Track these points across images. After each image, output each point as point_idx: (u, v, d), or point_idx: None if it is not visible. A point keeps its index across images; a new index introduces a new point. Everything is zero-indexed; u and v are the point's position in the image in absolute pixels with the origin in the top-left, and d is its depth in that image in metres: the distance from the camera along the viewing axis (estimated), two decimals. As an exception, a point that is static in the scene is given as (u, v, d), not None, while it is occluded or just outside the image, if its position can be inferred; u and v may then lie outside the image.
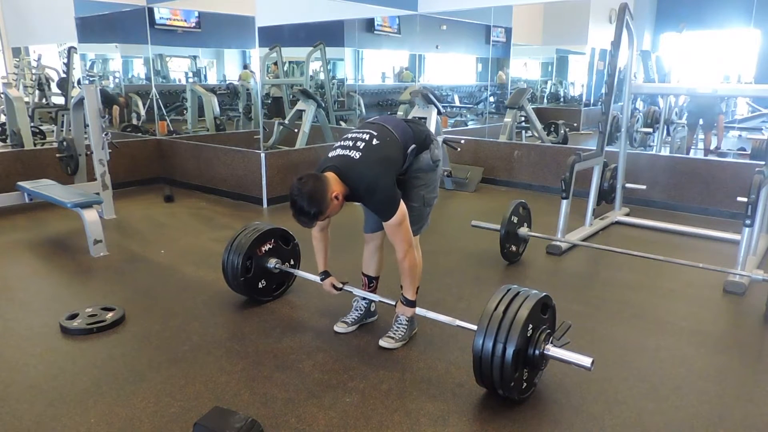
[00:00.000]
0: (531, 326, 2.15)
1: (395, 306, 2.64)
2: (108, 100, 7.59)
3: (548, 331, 2.25)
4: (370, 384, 2.39)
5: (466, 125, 9.36)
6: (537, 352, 2.16)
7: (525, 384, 2.21)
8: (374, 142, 2.43)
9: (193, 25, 8.88)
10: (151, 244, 4.39)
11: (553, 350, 2.19)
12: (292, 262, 3.28)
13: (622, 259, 3.92)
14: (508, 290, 2.24)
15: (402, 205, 2.40)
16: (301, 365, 2.54)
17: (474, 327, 2.23)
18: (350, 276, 3.01)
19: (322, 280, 2.82)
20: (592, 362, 2.11)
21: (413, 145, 2.53)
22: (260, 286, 3.15)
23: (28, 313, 3.14)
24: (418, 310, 2.60)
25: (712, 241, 4.46)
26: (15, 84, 8.21)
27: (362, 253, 2.89)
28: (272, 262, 3.13)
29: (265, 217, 5.28)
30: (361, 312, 2.89)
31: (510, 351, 2.06)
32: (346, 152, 2.42)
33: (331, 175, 2.34)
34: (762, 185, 3.43)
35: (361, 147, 2.41)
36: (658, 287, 3.54)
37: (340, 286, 2.80)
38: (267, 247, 3.13)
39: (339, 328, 2.84)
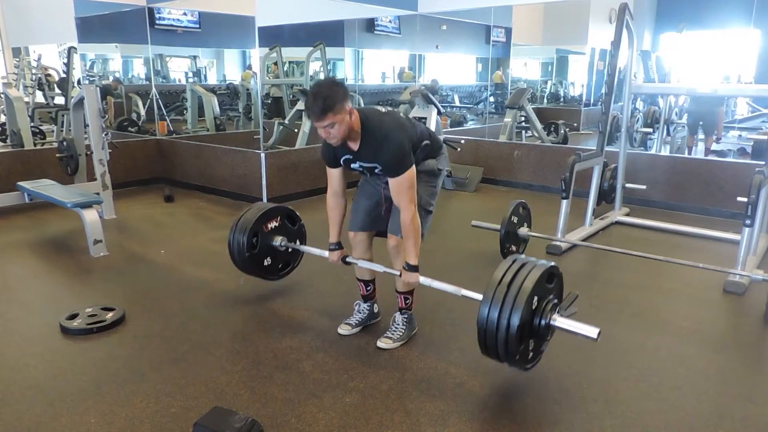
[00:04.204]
0: (537, 297, 2.08)
1: (399, 275, 2.57)
2: (101, 93, 7.55)
3: (555, 301, 2.19)
4: (370, 384, 2.39)
5: (461, 125, 9.34)
6: (543, 322, 2.10)
7: (531, 354, 2.16)
8: (401, 115, 2.58)
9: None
10: (151, 244, 4.39)
11: (559, 321, 2.13)
12: (298, 243, 3.22)
13: (622, 259, 3.92)
14: (515, 260, 2.18)
15: (413, 168, 2.42)
16: (301, 365, 2.54)
17: (480, 297, 2.19)
18: (349, 278, 3.01)
19: (332, 249, 2.76)
20: (599, 333, 2.06)
21: (426, 141, 2.60)
22: (266, 263, 3.09)
23: (28, 313, 3.14)
24: (422, 279, 2.55)
25: (712, 241, 4.46)
26: (15, 84, 8.21)
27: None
28: (278, 240, 3.08)
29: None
30: (365, 314, 2.88)
31: (515, 324, 2.00)
32: (373, 108, 2.56)
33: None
34: (762, 185, 3.43)
35: (388, 110, 2.56)
36: (658, 287, 3.54)
37: (350, 260, 2.74)
38: (273, 224, 3.07)
39: (343, 330, 2.83)
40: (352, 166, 2.54)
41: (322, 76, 8.55)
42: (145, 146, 6.66)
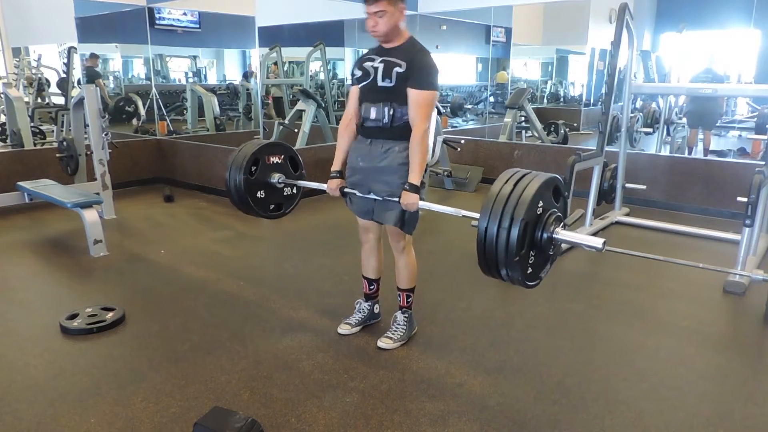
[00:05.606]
0: (540, 206, 1.99)
1: (399, 199, 2.48)
2: (89, 78, 7.56)
3: (558, 214, 2.08)
4: (370, 384, 2.39)
5: (461, 108, 9.41)
6: (545, 235, 2.00)
7: (531, 270, 2.04)
8: None
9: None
10: (151, 244, 4.39)
11: (562, 233, 2.04)
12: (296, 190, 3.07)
13: (622, 259, 3.92)
14: (515, 172, 2.08)
15: (436, 93, 2.44)
16: (301, 365, 2.54)
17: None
18: (349, 278, 3.01)
19: (332, 177, 2.68)
20: (604, 243, 1.99)
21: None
22: (258, 195, 2.92)
23: (28, 313, 3.15)
24: (422, 204, 2.47)
25: (712, 241, 4.45)
26: (15, 84, 8.21)
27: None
28: (276, 177, 2.93)
29: (265, 217, 5.28)
30: (365, 313, 2.88)
31: (515, 234, 1.89)
32: None
33: None
34: (762, 185, 3.43)
35: None
36: (658, 287, 3.54)
37: (348, 191, 2.65)
38: (275, 160, 2.94)
39: (343, 330, 2.83)
40: (365, 65, 2.48)
41: (322, 77, 8.55)
42: (145, 146, 6.66)
